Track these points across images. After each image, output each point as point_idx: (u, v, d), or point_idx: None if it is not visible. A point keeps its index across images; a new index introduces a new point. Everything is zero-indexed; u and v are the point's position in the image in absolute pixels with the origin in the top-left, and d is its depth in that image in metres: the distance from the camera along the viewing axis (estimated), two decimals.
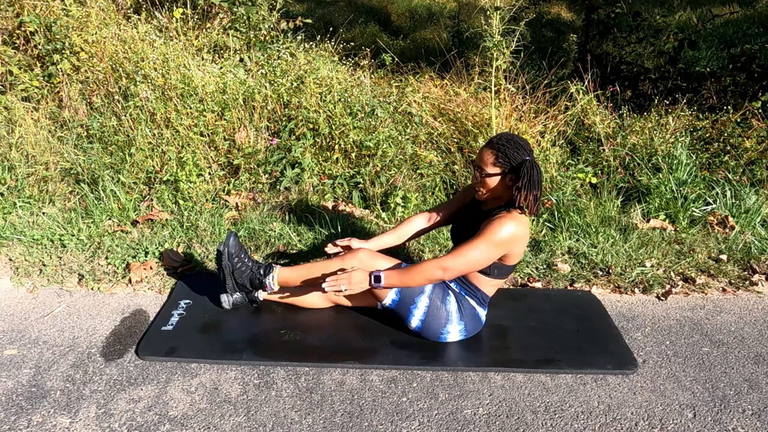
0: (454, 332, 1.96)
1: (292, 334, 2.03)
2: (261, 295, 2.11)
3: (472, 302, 1.96)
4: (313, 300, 2.13)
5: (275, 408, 1.72)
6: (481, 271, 1.89)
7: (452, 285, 1.97)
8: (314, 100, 3.18)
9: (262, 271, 2.02)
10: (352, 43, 4.22)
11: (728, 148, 3.30)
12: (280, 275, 2.02)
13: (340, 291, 1.85)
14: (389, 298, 1.94)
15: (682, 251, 2.66)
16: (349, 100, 3.23)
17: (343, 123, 3.10)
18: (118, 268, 2.47)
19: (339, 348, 1.96)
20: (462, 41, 5.39)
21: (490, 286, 1.95)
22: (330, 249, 2.09)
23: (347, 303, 2.13)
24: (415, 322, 1.96)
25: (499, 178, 1.83)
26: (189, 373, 1.86)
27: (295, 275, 2.03)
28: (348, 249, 2.07)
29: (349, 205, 3.05)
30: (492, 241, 1.77)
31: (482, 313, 2.00)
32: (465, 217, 2.04)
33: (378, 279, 1.83)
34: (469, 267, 1.81)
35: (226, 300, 2.14)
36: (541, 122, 3.36)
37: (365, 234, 2.76)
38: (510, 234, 1.77)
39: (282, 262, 2.56)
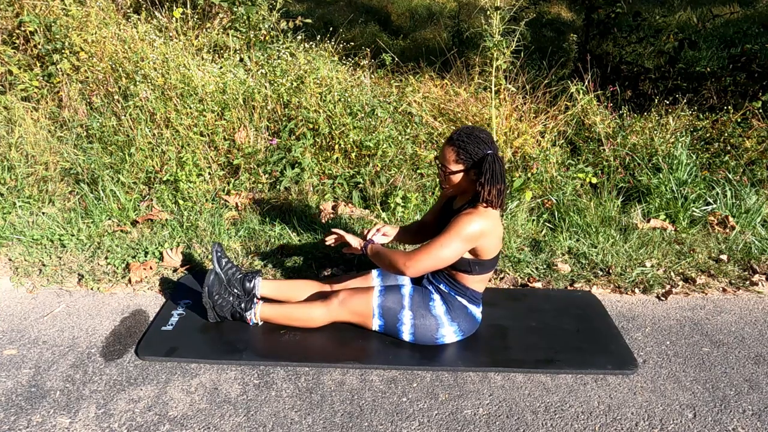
0: (449, 334, 1.96)
1: (292, 334, 2.03)
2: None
3: (463, 301, 1.95)
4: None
5: (275, 408, 1.72)
6: (462, 270, 1.88)
7: (441, 286, 1.97)
8: (314, 100, 3.18)
9: (242, 306, 2.05)
10: (352, 43, 4.22)
11: (728, 148, 3.30)
12: (262, 313, 2.06)
13: (337, 239, 2.09)
14: (375, 324, 1.99)
15: (683, 251, 2.66)
16: (349, 100, 3.23)
17: (343, 123, 3.10)
18: (117, 268, 2.47)
19: (339, 348, 1.96)
20: (462, 41, 5.39)
21: (476, 282, 1.93)
22: (329, 240, 2.12)
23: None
24: (406, 336, 1.97)
25: (462, 174, 1.80)
26: (189, 373, 1.86)
27: (275, 314, 2.05)
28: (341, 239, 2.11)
29: (349, 205, 3.05)
30: (455, 237, 1.76)
31: (476, 311, 2.00)
32: (445, 218, 2.03)
33: (365, 247, 1.99)
34: (434, 264, 1.80)
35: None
36: (541, 122, 3.35)
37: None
38: (474, 229, 1.75)
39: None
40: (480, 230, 1.76)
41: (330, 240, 2.11)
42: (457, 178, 1.81)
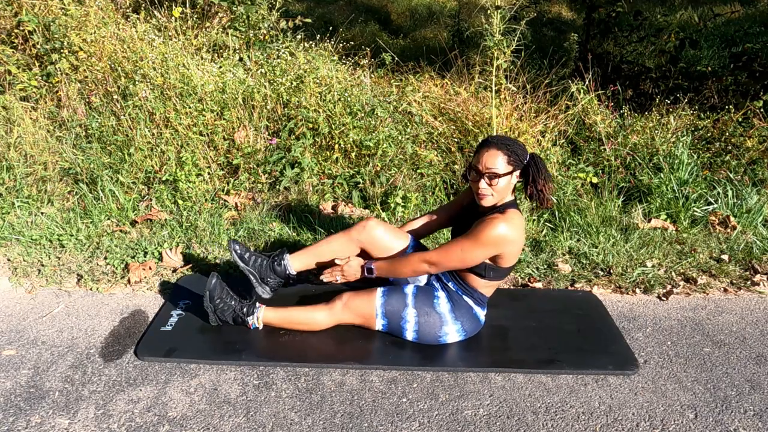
0: (452, 333, 1.95)
1: (292, 335, 2.02)
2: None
3: (469, 301, 1.95)
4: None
5: (275, 409, 1.71)
6: (475, 273, 1.88)
7: (449, 284, 1.96)
8: (314, 100, 3.17)
9: (244, 311, 2.02)
10: (352, 43, 4.21)
11: (730, 147, 3.29)
12: (264, 317, 2.03)
13: (336, 281, 2.04)
14: (379, 325, 1.97)
15: (684, 251, 2.65)
16: (349, 99, 3.22)
17: (342, 122, 3.09)
18: (116, 268, 2.46)
19: (339, 348, 1.95)
20: (462, 40, 5.37)
21: (486, 287, 1.94)
22: (326, 277, 2.06)
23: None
24: (410, 335, 1.96)
25: (509, 177, 1.79)
26: (188, 373, 1.85)
27: (278, 319, 2.02)
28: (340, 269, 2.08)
29: (349, 205, 3.04)
30: (479, 241, 1.76)
31: (481, 313, 2.00)
32: (465, 219, 2.03)
33: (370, 270, 1.97)
34: (454, 264, 1.82)
35: (264, 291, 2.12)
36: (541, 122, 3.35)
37: None
38: (499, 235, 1.74)
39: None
40: (503, 236, 1.75)
41: (329, 278, 2.05)
42: (505, 181, 1.78)
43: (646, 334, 2.12)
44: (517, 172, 1.81)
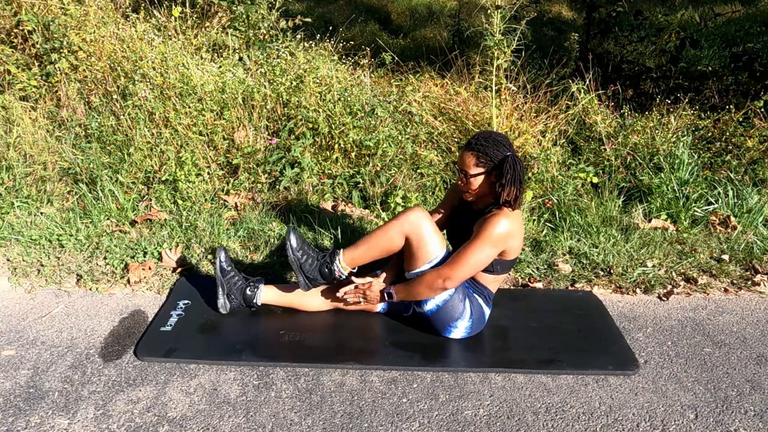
0: (461, 328, 1.96)
1: (292, 335, 2.02)
2: (259, 300, 2.09)
3: (480, 300, 1.98)
4: (312, 303, 2.12)
5: (275, 409, 1.71)
6: (485, 270, 1.91)
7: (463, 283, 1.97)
8: (314, 100, 3.17)
9: (327, 259, 1.98)
10: (352, 42, 4.20)
11: (730, 147, 3.29)
12: (345, 257, 1.97)
13: (358, 303, 2.03)
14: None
15: (684, 251, 2.65)
16: (349, 99, 3.22)
17: (342, 122, 3.09)
18: (116, 268, 2.46)
19: (339, 349, 1.95)
20: (462, 40, 5.37)
21: (493, 282, 1.98)
22: (350, 297, 2.04)
23: (346, 307, 2.11)
24: (431, 304, 1.92)
25: (483, 177, 1.84)
26: (188, 374, 1.85)
27: (359, 253, 1.96)
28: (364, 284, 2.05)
29: (349, 205, 3.04)
30: (488, 242, 1.79)
31: (487, 312, 2.02)
32: (461, 218, 2.04)
33: (390, 295, 1.96)
34: (471, 271, 1.84)
35: (224, 305, 2.10)
36: (542, 121, 3.34)
37: (362, 233, 2.74)
38: (504, 231, 1.79)
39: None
40: (508, 231, 1.79)
41: (353, 298, 2.03)
42: (478, 181, 1.85)
43: (647, 335, 2.11)
44: (493, 172, 1.82)
